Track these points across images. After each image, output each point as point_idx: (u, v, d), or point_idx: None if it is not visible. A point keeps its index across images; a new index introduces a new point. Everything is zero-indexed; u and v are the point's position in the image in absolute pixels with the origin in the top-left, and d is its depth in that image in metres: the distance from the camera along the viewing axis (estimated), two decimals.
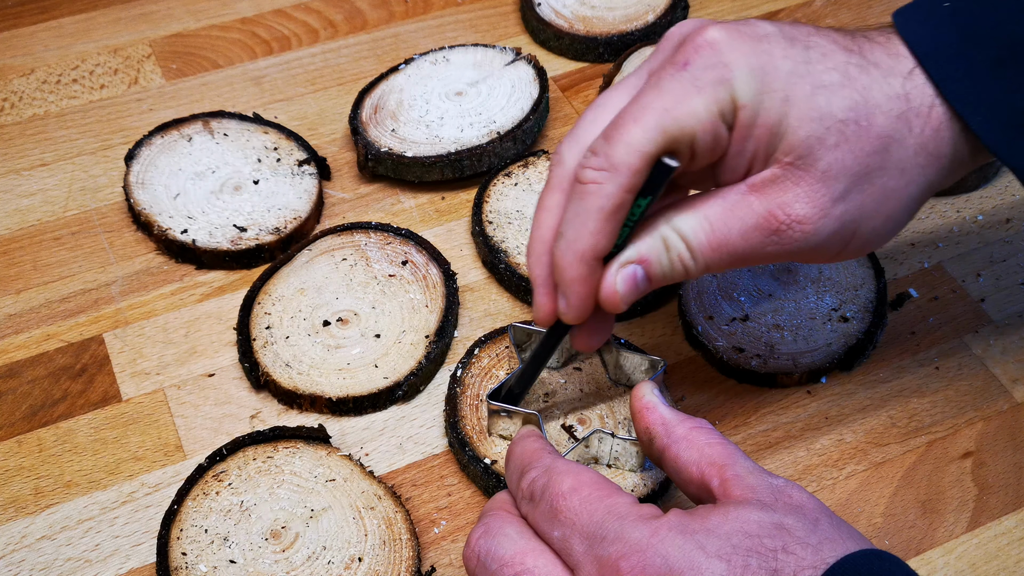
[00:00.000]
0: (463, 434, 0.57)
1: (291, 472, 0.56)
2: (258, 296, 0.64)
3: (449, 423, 0.58)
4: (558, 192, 0.49)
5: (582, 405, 0.59)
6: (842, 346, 0.61)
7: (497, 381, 0.59)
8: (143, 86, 0.79)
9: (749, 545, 0.40)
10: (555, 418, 0.58)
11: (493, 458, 0.56)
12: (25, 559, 0.54)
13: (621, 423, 0.58)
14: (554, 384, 0.60)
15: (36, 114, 0.77)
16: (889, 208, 0.48)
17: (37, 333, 0.64)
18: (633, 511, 0.43)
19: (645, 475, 0.56)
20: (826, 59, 0.46)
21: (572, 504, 0.44)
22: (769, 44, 0.46)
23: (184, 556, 0.52)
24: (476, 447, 0.57)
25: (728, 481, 0.44)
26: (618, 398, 0.59)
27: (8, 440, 0.59)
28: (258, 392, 0.61)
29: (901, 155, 0.47)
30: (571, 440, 0.57)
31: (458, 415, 0.58)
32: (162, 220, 0.67)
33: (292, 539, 0.53)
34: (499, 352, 0.61)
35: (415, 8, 0.85)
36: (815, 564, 0.40)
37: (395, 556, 0.53)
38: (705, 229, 0.47)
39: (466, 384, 0.60)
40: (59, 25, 0.83)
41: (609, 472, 0.56)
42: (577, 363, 0.60)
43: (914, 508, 0.56)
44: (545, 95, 0.74)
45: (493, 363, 0.61)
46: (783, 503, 0.42)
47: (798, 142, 0.46)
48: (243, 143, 0.72)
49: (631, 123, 0.46)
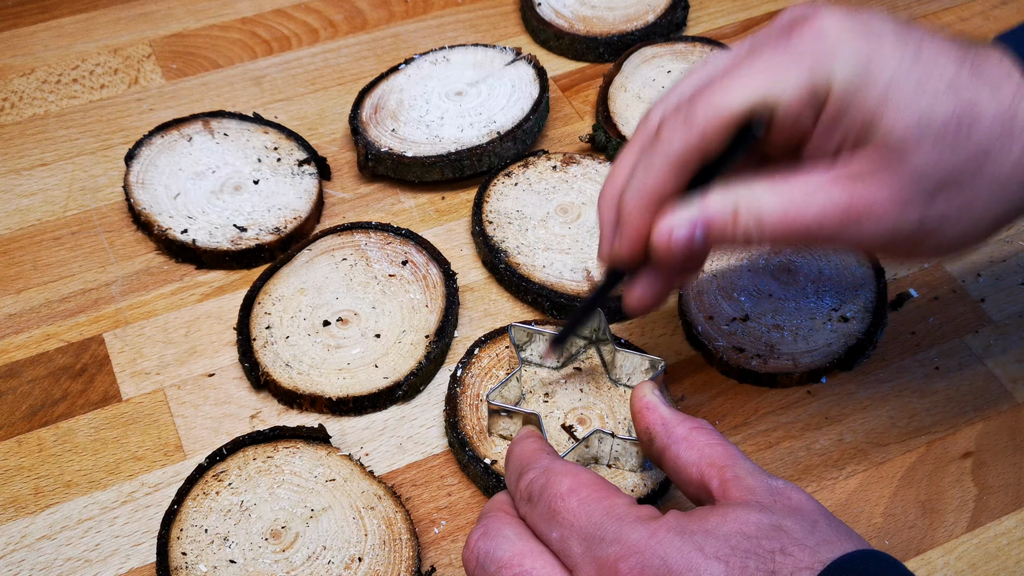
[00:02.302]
0: (463, 434, 0.57)
1: (291, 472, 0.56)
2: (258, 296, 0.64)
3: (449, 423, 0.58)
4: (638, 146, 0.50)
5: (582, 405, 0.59)
6: (842, 346, 0.61)
7: (497, 381, 0.59)
8: (143, 86, 0.79)
9: (747, 547, 0.40)
10: (555, 418, 0.58)
11: (493, 458, 0.56)
12: (25, 559, 0.54)
13: (621, 423, 0.58)
14: (554, 384, 0.60)
15: (36, 114, 0.77)
16: (972, 219, 0.47)
17: (37, 333, 0.64)
18: (632, 512, 0.43)
19: (645, 475, 0.56)
20: (936, 65, 0.46)
21: (570, 505, 0.44)
22: (881, 40, 0.46)
23: (184, 556, 0.52)
24: (476, 447, 0.57)
25: (727, 482, 0.44)
26: (618, 398, 0.59)
27: (8, 440, 0.59)
28: (258, 392, 0.61)
29: (996, 170, 0.46)
30: (571, 440, 0.57)
31: (458, 415, 0.58)
32: (162, 220, 0.67)
33: (292, 539, 0.53)
34: (499, 352, 0.61)
35: (415, 8, 0.85)
36: (812, 565, 0.40)
37: (395, 556, 0.53)
38: (782, 206, 0.46)
39: (466, 384, 0.60)
40: (59, 25, 0.83)
41: (609, 472, 0.56)
42: (577, 363, 0.60)
43: (914, 508, 0.56)
44: (545, 95, 0.74)
45: (493, 363, 0.61)
46: (782, 504, 0.42)
47: (893, 138, 0.45)
48: (243, 143, 0.72)
49: (717, 86, 0.47)
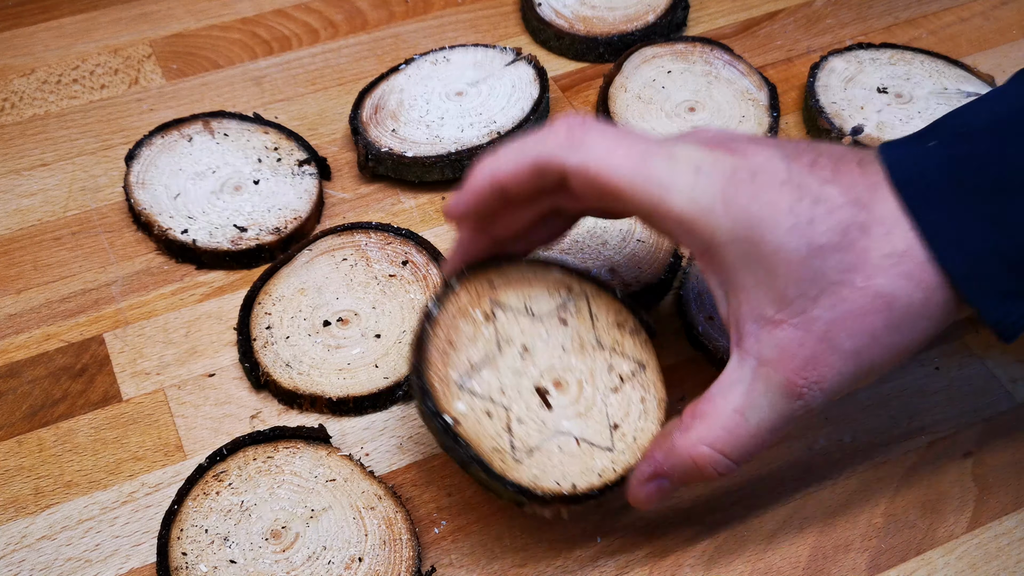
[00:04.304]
0: (426, 383, 0.50)
1: (291, 472, 0.56)
2: (258, 296, 0.64)
3: (413, 367, 0.51)
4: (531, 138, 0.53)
5: (561, 367, 0.52)
6: None
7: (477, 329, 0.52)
8: (143, 86, 0.79)
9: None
10: (529, 377, 0.52)
11: (456, 416, 0.50)
12: (25, 559, 0.54)
13: (600, 390, 0.53)
14: (534, 337, 0.53)
15: (36, 114, 0.77)
16: (897, 356, 0.47)
17: (37, 333, 0.64)
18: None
19: (615, 457, 0.51)
20: (830, 216, 0.45)
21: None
22: (771, 192, 0.46)
23: (184, 556, 0.52)
24: (439, 399, 0.50)
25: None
26: (601, 363, 0.53)
27: (8, 440, 0.59)
28: (258, 392, 0.61)
29: (905, 312, 0.46)
30: (541, 406, 0.51)
31: (425, 359, 0.51)
32: (162, 220, 0.67)
33: (292, 539, 0.53)
34: (481, 288, 0.53)
35: (415, 8, 0.85)
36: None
37: (395, 556, 0.53)
38: (736, 423, 0.47)
39: (440, 325, 0.52)
40: (59, 25, 0.83)
41: (580, 449, 0.51)
42: (565, 313, 0.54)
43: (914, 508, 0.56)
44: (545, 95, 0.74)
45: (473, 302, 0.53)
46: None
47: (790, 301, 0.46)
48: (243, 143, 0.72)
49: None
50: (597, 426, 0.51)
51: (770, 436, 0.47)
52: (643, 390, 0.53)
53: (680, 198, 0.46)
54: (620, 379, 0.53)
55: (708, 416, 0.48)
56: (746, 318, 0.47)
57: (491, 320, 0.52)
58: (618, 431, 0.52)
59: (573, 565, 0.54)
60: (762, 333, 0.47)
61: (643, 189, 0.46)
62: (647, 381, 0.53)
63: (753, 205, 0.45)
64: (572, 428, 0.51)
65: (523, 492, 0.49)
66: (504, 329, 0.52)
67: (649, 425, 0.52)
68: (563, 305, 0.54)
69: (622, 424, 0.52)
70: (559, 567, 0.54)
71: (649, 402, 0.53)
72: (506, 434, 0.50)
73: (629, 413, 0.52)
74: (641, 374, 0.53)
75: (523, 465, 0.50)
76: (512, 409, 0.51)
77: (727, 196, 0.45)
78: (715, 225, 0.45)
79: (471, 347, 0.51)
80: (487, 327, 0.52)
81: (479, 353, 0.51)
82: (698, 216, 0.46)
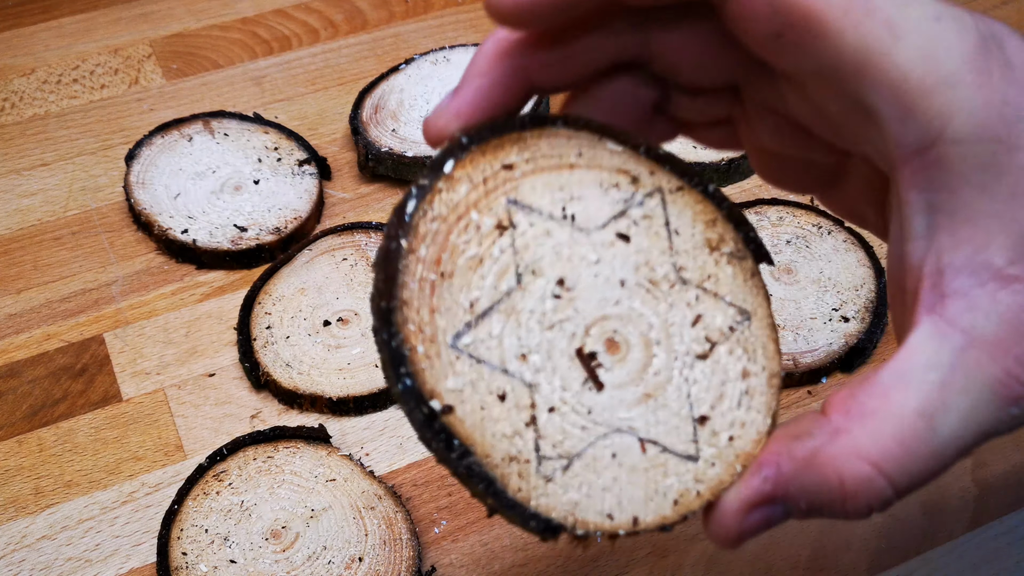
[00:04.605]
0: (399, 342, 0.30)
1: (291, 472, 0.56)
2: (258, 296, 0.64)
3: (377, 312, 0.31)
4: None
5: (617, 314, 0.33)
6: (842, 346, 0.61)
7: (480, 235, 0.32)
8: (144, 86, 0.79)
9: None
10: (564, 332, 0.32)
11: (447, 399, 0.31)
12: (25, 559, 0.54)
13: (680, 360, 0.34)
14: (577, 263, 0.33)
15: (37, 114, 0.77)
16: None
17: (37, 333, 0.64)
18: None
19: (699, 470, 0.33)
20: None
21: None
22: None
23: (184, 556, 0.53)
24: (418, 370, 0.30)
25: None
26: (681, 311, 0.34)
27: (8, 440, 0.59)
28: (258, 392, 0.61)
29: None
30: (586, 383, 0.32)
31: (395, 298, 0.31)
32: (162, 220, 0.67)
33: (292, 539, 0.53)
34: (492, 173, 0.33)
35: (415, 8, 0.85)
36: None
37: (395, 556, 0.53)
38: (917, 432, 0.31)
39: (419, 234, 0.31)
40: (60, 25, 0.83)
41: (646, 457, 0.33)
42: (627, 222, 0.34)
43: (914, 508, 0.56)
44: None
45: (479, 198, 0.32)
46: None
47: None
48: (243, 143, 0.72)
49: None
50: (674, 418, 0.33)
51: (955, 457, 0.31)
52: (747, 357, 0.34)
53: (911, 51, 0.30)
54: (710, 339, 0.34)
55: (875, 416, 0.31)
56: (959, 266, 0.31)
57: (507, 231, 0.33)
58: (707, 427, 0.33)
59: (573, 565, 0.54)
60: (981, 294, 0.30)
61: (859, 24, 0.29)
62: (754, 342, 0.34)
63: (1011, 89, 0.30)
64: (634, 422, 0.33)
65: (552, 529, 0.31)
66: (528, 248, 0.33)
67: (755, 417, 0.34)
68: (624, 209, 0.34)
69: (713, 415, 0.34)
70: (559, 567, 0.54)
71: (756, 379, 0.34)
72: (529, 431, 0.32)
73: (724, 396, 0.34)
74: (745, 329, 0.34)
75: (555, 484, 0.32)
76: (539, 388, 0.32)
77: (978, 67, 0.30)
78: (957, 105, 0.30)
79: (473, 278, 0.32)
80: (500, 244, 0.32)
81: (486, 289, 0.32)
82: (935, 85, 0.30)
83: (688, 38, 0.33)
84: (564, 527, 0.31)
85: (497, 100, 0.34)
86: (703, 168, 0.70)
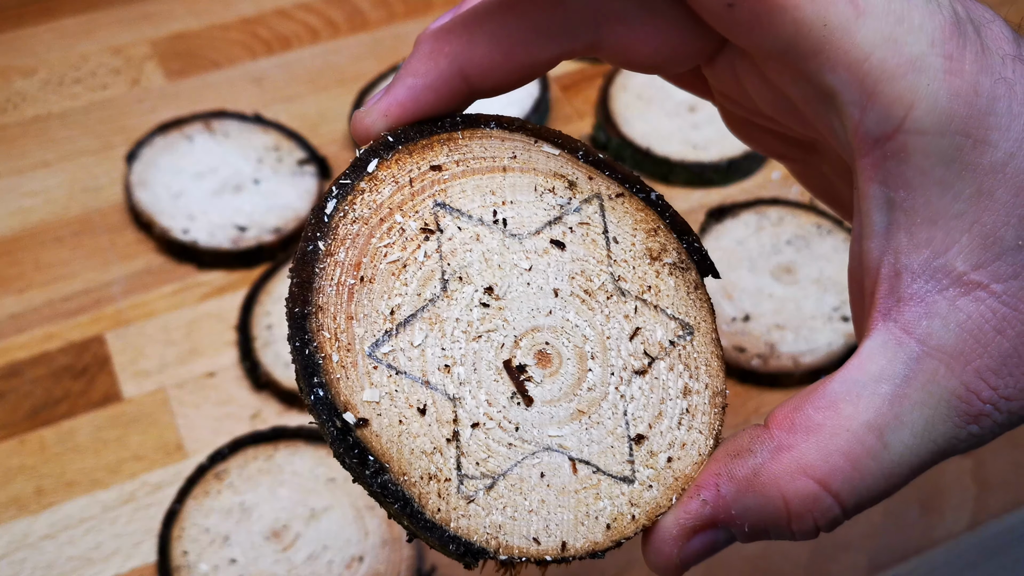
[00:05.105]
0: (312, 350, 0.29)
1: (292, 472, 0.56)
2: (259, 296, 0.64)
3: (291, 317, 0.29)
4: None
5: (550, 325, 0.31)
6: (843, 346, 0.61)
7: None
8: (144, 86, 0.79)
9: None
10: (492, 343, 0.31)
11: (362, 412, 0.29)
12: (27, 558, 0.55)
13: (617, 375, 0.32)
14: (507, 270, 0.31)
15: (38, 114, 0.77)
16: None
17: (39, 333, 0.64)
18: None
19: (635, 492, 0.31)
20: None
21: None
22: (1007, 69, 0.28)
23: (185, 555, 0.53)
24: (332, 380, 0.29)
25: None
26: (619, 323, 0.32)
27: (10, 439, 0.59)
28: (259, 392, 0.61)
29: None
30: (514, 398, 0.30)
31: (311, 303, 0.29)
32: (163, 220, 0.67)
33: (293, 538, 0.53)
34: (419, 174, 0.31)
35: (415, 8, 0.85)
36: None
37: (395, 556, 0.53)
38: (868, 448, 0.28)
39: (339, 236, 0.30)
40: (61, 26, 0.83)
41: (577, 479, 0.31)
42: (563, 229, 0.32)
43: (914, 507, 0.56)
44: (546, 95, 0.74)
45: (405, 200, 0.31)
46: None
47: (1002, 252, 0.28)
48: (244, 143, 0.72)
49: None
50: (608, 437, 0.31)
51: (909, 475, 0.29)
52: (689, 374, 0.32)
53: (875, 30, 0.27)
54: (649, 354, 0.32)
55: (822, 430, 0.29)
56: (917, 269, 0.29)
57: (434, 235, 0.31)
58: (643, 447, 0.32)
59: (573, 565, 0.54)
60: (940, 300, 0.28)
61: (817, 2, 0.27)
62: (696, 357, 0.33)
63: (984, 79, 0.28)
64: (565, 440, 0.31)
65: (473, 553, 0.30)
66: (455, 253, 0.31)
67: (696, 438, 0.32)
68: (560, 215, 0.32)
69: (650, 434, 0.32)
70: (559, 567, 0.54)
71: (698, 396, 0.33)
72: (451, 448, 0.30)
73: (663, 414, 0.32)
74: (687, 344, 0.33)
75: (477, 505, 0.30)
76: (463, 402, 0.30)
77: (949, 51, 0.27)
78: (921, 91, 0.27)
79: (395, 284, 0.30)
80: (426, 248, 0.31)
81: (409, 296, 0.30)
82: (898, 68, 0.27)
83: (641, 29, 0.31)
84: (487, 552, 0.29)
85: (430, 102, 0.32)
86: (703, 168, 0.70)
